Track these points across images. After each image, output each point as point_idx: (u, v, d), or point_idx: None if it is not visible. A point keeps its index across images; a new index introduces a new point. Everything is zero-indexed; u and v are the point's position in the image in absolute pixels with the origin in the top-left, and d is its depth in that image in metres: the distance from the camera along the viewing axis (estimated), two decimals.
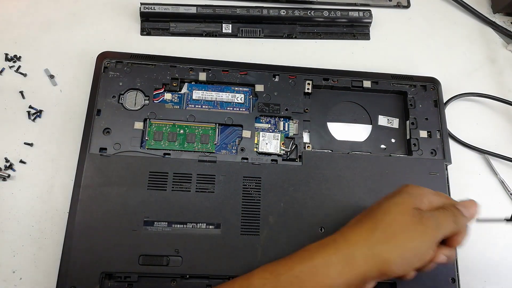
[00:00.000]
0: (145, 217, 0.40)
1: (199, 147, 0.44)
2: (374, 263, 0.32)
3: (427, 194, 0.35)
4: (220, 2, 0.54)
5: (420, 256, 0.32)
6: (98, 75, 0.45)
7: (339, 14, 0.54)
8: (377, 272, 0.32)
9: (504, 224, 0.48)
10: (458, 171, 0.48)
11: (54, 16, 0.51)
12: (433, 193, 0.36)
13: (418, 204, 0.34)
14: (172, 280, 0.39)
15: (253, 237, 0.41)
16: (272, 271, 0.33)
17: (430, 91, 0.49)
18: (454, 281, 0.42)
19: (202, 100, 0.46)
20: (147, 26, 0.51)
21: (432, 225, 0.33)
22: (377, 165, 0.45)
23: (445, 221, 0.33)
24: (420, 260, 0.32)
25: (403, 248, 0.32)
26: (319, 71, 0.49)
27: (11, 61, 0.47)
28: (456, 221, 0.34)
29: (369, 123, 0.49)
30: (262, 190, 0.43)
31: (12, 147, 0.44)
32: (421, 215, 0.33)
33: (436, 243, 0.33)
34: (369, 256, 0.32)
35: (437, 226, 0.33)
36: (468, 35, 0.59)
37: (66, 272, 0.38)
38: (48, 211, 0.42)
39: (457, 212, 0.34)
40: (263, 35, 0.54)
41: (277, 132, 0.46)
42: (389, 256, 0.32)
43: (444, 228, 0.33)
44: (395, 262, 0.32)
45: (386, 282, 0.41)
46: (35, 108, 0.46)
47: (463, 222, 0.35)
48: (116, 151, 0.42)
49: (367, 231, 0.33)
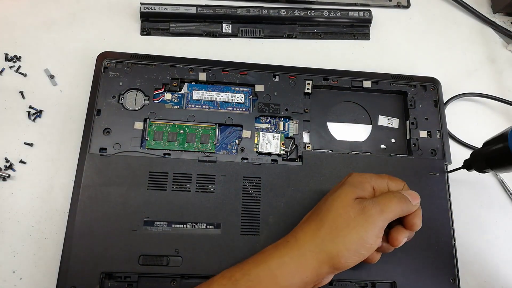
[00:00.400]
0: (145, 217, 0.40)
1: (199, 147, 0.44)
2: (324, 259, 0.33)
3: (370, 180, 0.36)
4: (220, 2, 0.54)
5: (366, 245, 0.33)
6: (98, 75, 0.45)
7: (339, 14, 0.54)
8: (328, 267, 0.33)
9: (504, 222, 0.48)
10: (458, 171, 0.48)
11: (54, 16, 0.51)
12: (376, 176, 0.37)
13: (359, 193, 0.35)
14: (172, 280, 0.39)
15: (253, 237, 0.41)
16: (230, 277, 0.33)
17: (430, 91, 0.49)
18: (454, 281, 0.42)
19: (202, 100, 0.46)
20: (147, 26, 0.51)
21: (375, 212, 0.33)
22: (377, 165, 0.45)
23: (390, 204, 0.34)
24: (367, 249, 0.33)
25: (348, 241, 0.33)
26: (319, 71, 0.49)
27: (11, 61, 0.47)
28: (402, 204, 0.34)
29: (369, 123, 0.49)
30: (262, 190, 0.43)
31: (12, 147, 0.44)
32: (363, 205, 0.34)
33: (381, 228, 0.33)
34: (318, 253, 0.33)
35: (381, 211, 0.33)
36: (468, 35, 0.59)
37: (66, 272, 0.38)
38: (48, 211, 0.42)
39: (403, 195, 0.35)
40: (263, 35, 0.54)
41: (277, 132, 0.46)
42: (336, 251, 0.33)
43: (390, 211, 0.34)
44: (343, 255, 0.33)
45: (386, 282, 0.41)
46: (35, 108, 0.46)
47: (409, 206, 0.35)
48: (116, 151, 0.42)
49: (314, 229, 0.34)
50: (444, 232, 0.43)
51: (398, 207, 0.34)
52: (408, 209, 0.35)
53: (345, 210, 0.34)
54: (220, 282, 0.33)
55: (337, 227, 0.33)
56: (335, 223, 0.33)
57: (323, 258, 0.33)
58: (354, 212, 0.33)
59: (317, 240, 0.33)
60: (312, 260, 0.33)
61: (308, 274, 0.33)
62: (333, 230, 0.33)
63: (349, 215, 0.33)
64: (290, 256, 0.33)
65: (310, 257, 0.33)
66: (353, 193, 0.35)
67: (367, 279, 0.41)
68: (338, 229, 0.33)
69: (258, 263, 0.34)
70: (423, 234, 0.42)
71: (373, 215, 0.33)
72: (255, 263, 0.34)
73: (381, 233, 0.34)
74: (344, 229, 0.33)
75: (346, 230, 0.33)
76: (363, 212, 0.33)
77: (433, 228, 0.43)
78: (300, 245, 0.34)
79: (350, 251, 0.33)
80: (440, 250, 0.43)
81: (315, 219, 0.35)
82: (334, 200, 0.35)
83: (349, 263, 0.33)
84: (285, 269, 0.33)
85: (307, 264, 0.33)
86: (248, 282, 0.32)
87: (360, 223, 0.33)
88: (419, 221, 0.36)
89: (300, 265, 0.33)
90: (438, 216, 0.44)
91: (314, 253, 0.33)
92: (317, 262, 0.33)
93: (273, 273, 0.33)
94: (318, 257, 0.33)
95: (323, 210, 0.35)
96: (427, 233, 0.43)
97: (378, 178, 0.37)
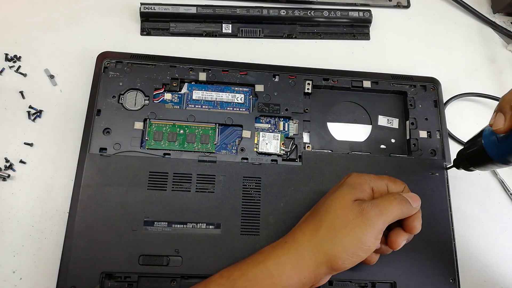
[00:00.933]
0: (145, 217, 0.40)
1: (199, 147, 0.44)
2: (322, 260, 0.33)
3: (369, 181, 0.36)
4: (220, 2, 0.54)
5: (364, 247, 0.33)
6: (98, 75, 0.45)
7: (339, 14, 0.54)
8: (326, 268, 0.33)
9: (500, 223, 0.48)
10: (458, 171, 0.48)
11: (54, 16, 0.51)
12: (376, 177, 0.37)
13: (358, 194, 0.35)
14: (172, 280, 0.39)
15: (253, 237, 0.41)
16: (228, 276, 0.33)
17: (430, 91, 0.49)
18: (454, 281, 0.42)
19: (202, 100, 0.46)
20: (147, 26, 0.51)
21: (374, 214, 0.33)
22: (377, 165, 0.45)
23: (389, 206, 0.34)
24: (365, 251, 0.33)
25: (346, 242, 0.33)
26: (319, 71, 0.49)
27: (11, 61, 0.47)
28: (402, 206, 0.34)
29: (369, 123, 0.49)
30: (262, 190, 0.43)
31: (12, 147, 0.44)
32: (361, 207, 0.33)
33: (380, 230, 0.33)
34: (316, 254, 0.33)
35: (380, 213, 0.33)
36: (468, 35, 0.59)
37: (66, 272, 0.38)
38: (48, 211, 0.42)
39: (403, 197, 0.35)
40: (263, 35, 0.54)
41: (277, 132, 0.46)
42: (334, 252, 0.33)
43: (389, 213, 0.33)
44: (341, 257, 0.33)
45: (386, 282, 0.41)
46: (35, 108, 0.46)
47: (410, 209, 0.35)
48: (116, 151, 0.42)
49: (313, 230, 0.34)
50: (444, 232, 0.43)
51: (398, 210, 0.34)
52: (408, 212, 0.35)
53: (343, 212, 0.34)
54: (218, 282, 0.33)
55: (335, 228, 0.33)
56: (334, 225, 0.33)
57: (321, 259, 0.33)
58: (352, 214, 0.33)
59: (315, 241, 0.33)
60: (310, 261, 0.33)
61: (305, 274, 0.33)
62: (331, 231, 0.33)
63: (348, 217, 0.33)
64: (287, 257, 0.33)
65: (308, 257, 0.33)
66: (352, 194, 0.35)
67: (367, 279, 0.41)
68: (336, 230, 0.33)
69: (256, 263, 0.34)
70: (423, 234, 0.41)
71: (372, 217, 0.33)
72: (253, 263, 0.34)
73: (379, 235, 0.33)
74: (342, 230, 0.33)
75: (344, 231, 0.33)
76: (361, 214, 0.33)
77: (433, 228, 0.43)
78: (298, 246, 0.34)
79: (348, 253, 0.33)
80: (440, 250, 0.43)
81: (313, 220, 0.35)
82: (333, 201, 0.35)
83: (347, 265, 0.33)
84: (283, 270, 0.33)
85: (305, 265, 0.33)
86: (246, 282, 0.32)
87: (359, 225, 0.33)
88: (419, 224, 0.36)
89: (297, 265, 0.33)
90: (438, 216, 0.44)
91: (312, 253, 0.33)
92: (315, 262, 0.33)
93: (271, 273, 0.33)
94: (316, 258, 0.33)
95: (321, 211, 0.35)
96: (427, 233, 0.43)
97: (377, 179, 0.36)
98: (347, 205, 0.34)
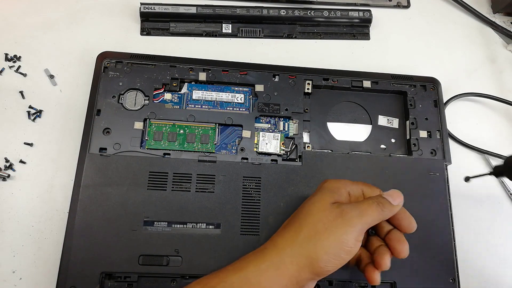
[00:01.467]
0: (145, 217, 0.40)
1: (199, 147, 0.44)
2: (303, 264, 0.32)
3: (345, 186, 0.36)
4: (220, 2, 0.54)
5: (346, 248, 0.32)
6: (98, 75, 0.45)
7: (339, 14, 0.54)
8: (309, 273, 0.32)
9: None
10: (458, 171, 0.48)
11: (54, 16, 0.51)
12: (351, 183, 0.37)
13: (336, 198, 0.35)
14: (172, 280, 0.39)
15: (253, 237, 0.41)
16: (205, 284, 0.33)
17: (430, 91, 0.49)
18: (454, 281, 0.42)
19: (202, 100, 0.46)
20: (147, 26, 0.51)
21: (354, 214, 0.33)
22: (377, 165, 0.45)
23: (368, 209, 0.34)
24: (347, 252, 0.33)
25: (327, 244, 0.32)
26: (319, 71, 0.49)
27: (11, 61, 0.47)
28: (383, 208, 0.34)
29: (369, 123, 0.49)
30: (262, 190, 0.43)
31: (12, 147, 0.44)
32: (340, 208, 0.33)
33: (361, 232, 0.33)
34: (297, 259, 0.32)
35: (360, 214, 0.33)
36: (468, 35, 0.59)
37: (66, 272, 0.38)
38: (48, 211, 0.42)
39: (382, 199, 0.35)
40: (263, 35, 0.54)
41: (277, 132, 0.46)
42: (316, 255, 0.32)
43: (368, 215, 0.33)
44: (322, 259, 0.32)
45: (386, 282, 0.41)
46: (35, 108, 0.46)
47: (391, 209, 0.35)
48: (116, 151, 0.42)
49: (293, 234, 0.34)
50: (444, 232, 0.43)
51: (377, 212, 0.34)
52: (390, 212, 0.34)
53: (324, 214, 0.33)
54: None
55: (316, 231, 0.33)
56: (314, 228, 0.33)
57: (302, 263, 0.32)
58: (332, 216, 0.33)
59: (296, 245, 0.33)
60: (292, 266, 0.32)
61: (286, 281, 0.32)
62: (312, 234, 0.33)
63: (328, 219, 0.33)
64: (268, 264, 0.33)
65: (289, 263, 0.32)
66: (330, 197, 0.35)
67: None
68: (317, 233, 0.33)
69: (235, 271, 0.33)
70: (423, 234, 0.42)
71: (352, 218, 0.33)
72: (233, 270, 0.33)
73: (360, 237, 0.33)
74: (323, 232, 0.33)
75: (325, 233, 0.32)
76: (341, 215, 0.33)
77: (433, 228, 0.43)
78: (279, 251, 0.33)
79: (330, 255, 0.32)
80: (440, 250, 0.43)
81: (293, 225, 0.35)
82: (312, 204, 0.35)
83: (329, 268, 0.32)
84: (262, 277, 0.32)
85: (286, 270, 0.32)
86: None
87: (339, 226, 0.33)
88: (411, 222, 0.35)
89: (278, 272, 0.32)
90: (438, 216, 0.44)
91: (293, 258, 0.32)
92: (296, 267, 0.32)
93: (250, 281, 0.32)
94: (297, 263, 0.32)
95: (301, 216, 0.35)
96: (427, 233, 0.43)
97: (353, 184, 0.37)
98: (326, 207, 0.34)
